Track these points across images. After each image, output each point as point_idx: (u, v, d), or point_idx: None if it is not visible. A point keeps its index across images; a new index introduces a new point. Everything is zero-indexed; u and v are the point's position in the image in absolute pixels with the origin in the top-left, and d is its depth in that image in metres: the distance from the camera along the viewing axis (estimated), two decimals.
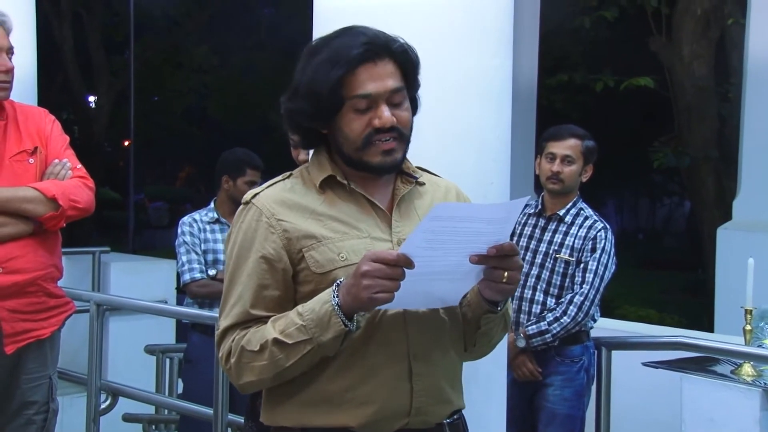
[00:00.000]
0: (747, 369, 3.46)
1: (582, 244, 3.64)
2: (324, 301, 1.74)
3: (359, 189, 1.88)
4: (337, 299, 1.72)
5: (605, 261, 3.62)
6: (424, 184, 1.99)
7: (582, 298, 3.58)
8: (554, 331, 3.59)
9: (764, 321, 3.58)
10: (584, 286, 3.59)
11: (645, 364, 3.77)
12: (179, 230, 4.34)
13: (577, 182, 3.74)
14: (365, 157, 1.84)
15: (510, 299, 1.95)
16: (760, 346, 3.48)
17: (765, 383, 3.37)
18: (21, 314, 2.99)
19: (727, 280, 6.71)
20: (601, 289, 3.64)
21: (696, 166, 10.43)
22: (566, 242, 3.67)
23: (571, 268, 3.64)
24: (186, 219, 4.38)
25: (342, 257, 1.81)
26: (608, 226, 3.70)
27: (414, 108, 1.91)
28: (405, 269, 1.66)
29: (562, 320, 3.58)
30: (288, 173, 1.96)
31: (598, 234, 3.64)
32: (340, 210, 1.87)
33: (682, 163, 10.52)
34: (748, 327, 3.44)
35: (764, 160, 7.00)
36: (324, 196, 1.88)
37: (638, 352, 3.88)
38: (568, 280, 3.65)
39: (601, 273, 3.61)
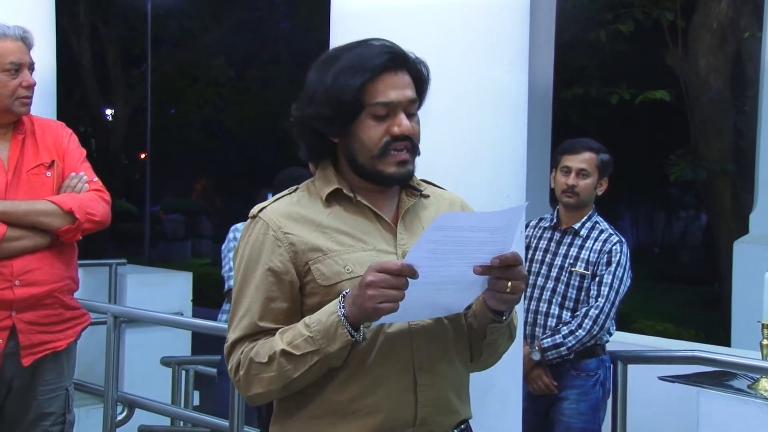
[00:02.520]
0: (764, 384, 3.43)
1: (597, 257, 3.63)
2: (330, 312, 1.75)
3: (365, 201, 1.90)
4: (343, 310, 1.73)
5: (620, 275, 3.62)
6: (428, 196, 2.00)
7: (597, 312, 3.57)
8: (569, 344, 3.58)
9: None
10: (599, 299, 3.59)
11: (661, 378, 3.74)
12: (230, 235, 4.37)
13: (593, 196, 3.73)
14: (380, 166, 1.86)
15: (515, 309, 1.95)
16: None
17: None
18: (38, 326, 3.01)
19: (744, 294, 6.68)
20: (617, 302, 3.63)
21: (712, 179, 10.39)
22: (581, 256, 3.66)
23: (586, 281, 3.63)
24: (239, 225, 4.41)
25: (348, 270, 1.83)
26: (624, 240, 3.69)
27: None
28: (410, 279, 1.67)
29: (577, 333, 3.57)
30: (294, 187, 1.98)
31: (614, 248, 3.63)
32: (346, 223, 1.89)
33: (699, 177, 10.48)
34: (765, 341, 3.42)
35: None
36: (330, 209, 1.90)
37: (654, 366, 3.86)
38: (583, 293, 3.64)
39: (616, 287, 3.60)
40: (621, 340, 4.24)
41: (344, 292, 1.76)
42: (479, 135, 2.62)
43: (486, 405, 2.06)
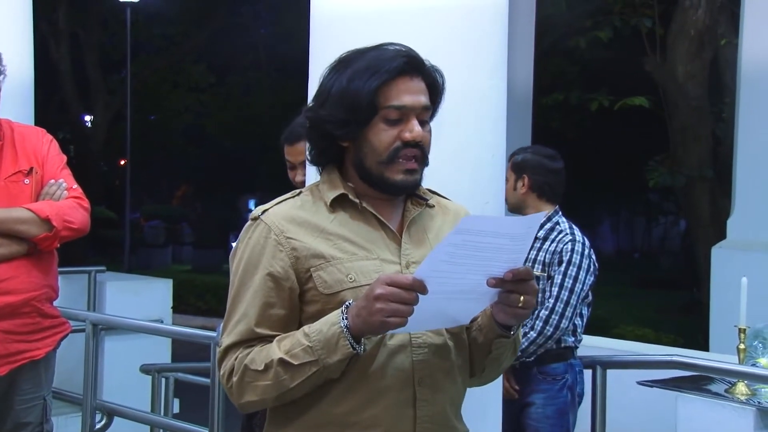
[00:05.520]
0: (741, 388, 3.46)
1: (551, 258, 3.60)
2: (332, 322, 1.70)
3: (370, 208, 1.85)
4: (346, 321, 1.68)
5: (573, 273, 3.57)
6: (434, 206, 1.96)
7: (547, 312, 3.53)
8: (522, 347, 3.53)
9: (758, 340, 3.58)
10: (550, 300, 3.55)
11: (640, 383, 3.76)
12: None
13: (517, 196, 3.75)
14: (387, 173, 1.81)
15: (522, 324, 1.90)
16: (753, 365, 3.49)
17: (759, 402, 3.37)
18: (15, 335, 2.98)
19: (722, 299, 6.72)
20: (572, 301, 3.54)
21: (691, 185, 10.48)
22: (539, 258, 3.64)
23: (541, 283, 3.62)
24: None
25: (350, 278, 1.77)
26: (579, 239, 3.63)
27: None
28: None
29: (529, 335, 3.52)
30: (298, 190, 1.92)
31: (564, 247, 3.60)
32: (351, 230, 1.83)
33: (678, 183, 10.57)
34: (742, 346, 3.44)
35: (758, 180, 7.03)
36: (335, 215, 1.84)
37: (633, 371, 3.88)
38: (540, 295, 3.61)
39: (568, 286, 3.56)
40: (600, 345, 4.26)
41: (347, 303, 1.70)
42: (459, 141, 2.62)
43: (465, 410, 2.06)
